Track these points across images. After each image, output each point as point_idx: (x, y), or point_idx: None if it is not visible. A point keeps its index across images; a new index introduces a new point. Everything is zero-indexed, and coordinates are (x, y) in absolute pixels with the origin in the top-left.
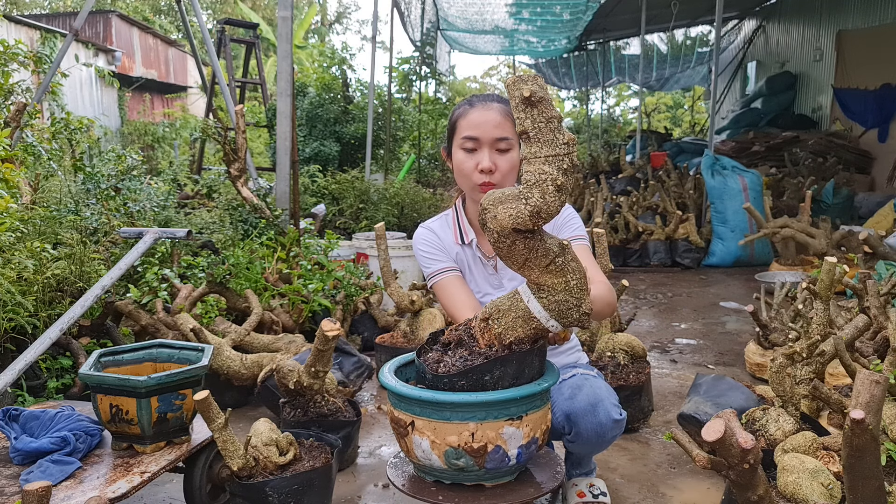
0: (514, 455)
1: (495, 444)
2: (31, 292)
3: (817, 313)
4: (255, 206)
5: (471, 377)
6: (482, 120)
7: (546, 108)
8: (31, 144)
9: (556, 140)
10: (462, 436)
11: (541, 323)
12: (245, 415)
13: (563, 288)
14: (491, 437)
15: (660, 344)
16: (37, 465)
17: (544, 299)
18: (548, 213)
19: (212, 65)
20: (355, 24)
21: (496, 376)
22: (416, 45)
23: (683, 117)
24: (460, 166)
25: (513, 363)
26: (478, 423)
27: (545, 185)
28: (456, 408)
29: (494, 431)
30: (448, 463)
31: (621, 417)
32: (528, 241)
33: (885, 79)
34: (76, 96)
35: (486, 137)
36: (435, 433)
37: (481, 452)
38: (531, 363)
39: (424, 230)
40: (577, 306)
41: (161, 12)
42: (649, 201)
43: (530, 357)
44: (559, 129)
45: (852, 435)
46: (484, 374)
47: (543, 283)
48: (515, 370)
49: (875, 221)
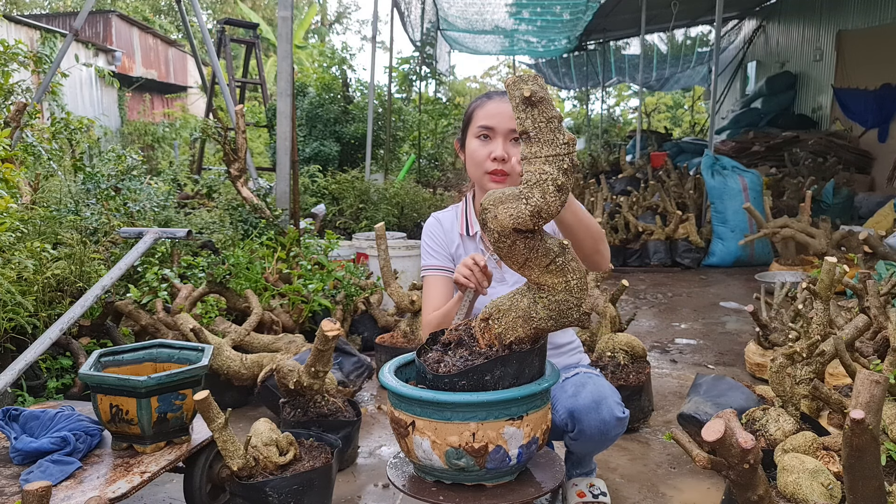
0: (514, 455)
1: (496, 444)
2: (31, 292)
3: (817, 313)
4: (255, 206)
5: (471, 377)
6: (498, 111)
7: (546, 108)
8: (31, 144)
9: (557, 140)
10: (463, 436)
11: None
12: (245, 415)
13: (563, 288)
14: (492, 438)
15: (660, 344)
16: (37, 465)
17: (545, 299)
18: (548, 212)
19: (212, 65)
20: (355, 24)
21: (497, 376)
22: (416, 45)
23: (683, 117)
24: (473, 154)
25: (513, 363)
26: (479, 423)
27: (546, 184)
28: (457, 408)
29: (495, 431)
30: (449, 463)
31: (624, 416)
32: (528, 241)
33: (885, 79)
34: (76, 96)
35: (501, 127)
36: (436, 433)
37: (482, 452)
38: (531, 363)
39: (434, 220)
40: (577, 306)
41: (161, 12)
42: (649, 201)
43: (530, 357)
44: (559, 129)
45: (852, 435)
46: (484, 374)
47: (544, 282)
48: (516, 370)
49: (875, 221)
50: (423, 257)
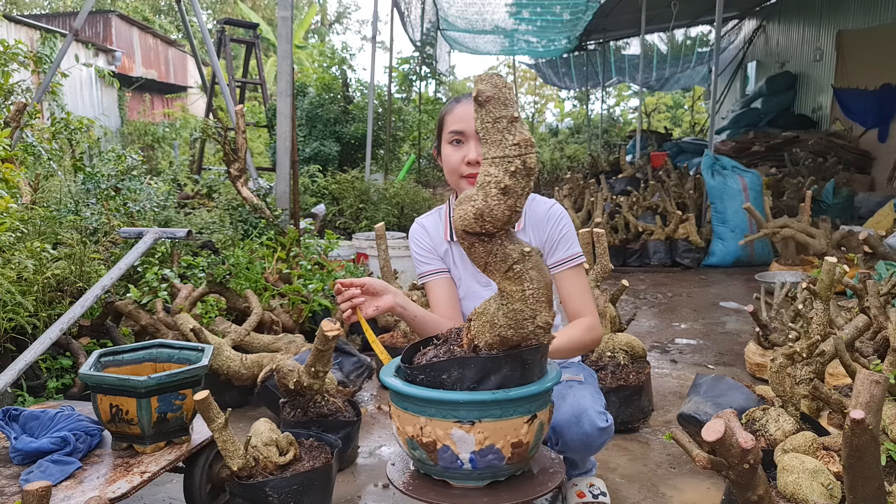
0: (466, 459)
1: (444, 443)
2: (31, 292)
3: (817, 313)
4: (255, 206)
5: (429, 373)
6: (467, 113)
7: (494, 107)
8: (31, 144)
9: (505, 141)
10: (415, 427)
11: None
12: (245, 415)
13: (519, 297)
14: (440, 436)
15: (660, 344)
16: (37, 465)
17: (505, 306)
18: (491, 216)
19: (212, 65)
20: (355, 24)
21: (454, 377)
22: (416, 45)
23: (683, 117)
24: (448, 160)
25: (471, 367)
26: (427, 418)
27: (489, 187)
28: (409, 399)
29: (443, 431)
30: (409, 451)
31: (607, 424)
32: (485, 244)
33: (885, 79)
34: (76, 96)
35: (471, 130)
36: (399, 420)
37: (431, 448)
38: (497, 370)
39: (417, 227)
40: (532, 318)
41: (161, 12)
42: (649, 201)
43: (495, 363)
44: (508, 130)
45: (852, 435)
46: (441, 373)
47: (503, 289)
48: (476, 374)
49: (875, 221)
50: (417, 266)
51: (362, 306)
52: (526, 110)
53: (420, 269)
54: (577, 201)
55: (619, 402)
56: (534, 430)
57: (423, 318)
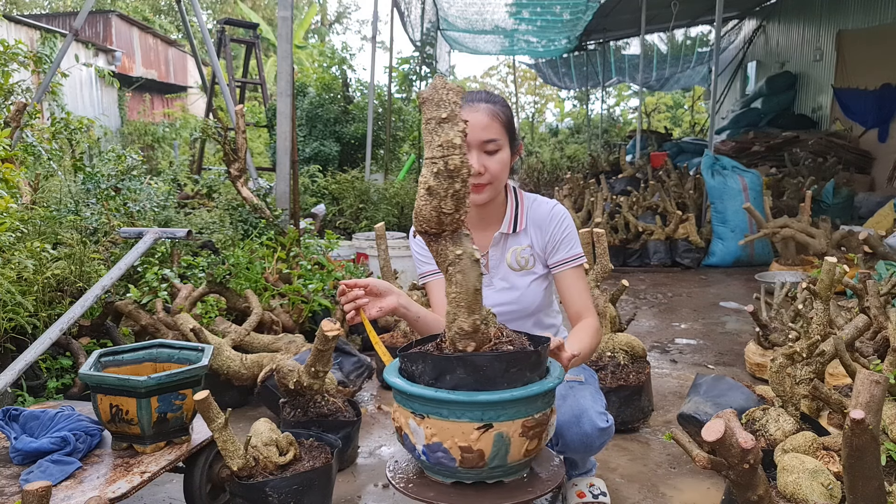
0: (420, 451)
1: (405, 430)
2: (31, 292)
3: (817, 313)
4: (255, 206)
5: (404, 362)
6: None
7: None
8: (31, 144)
9: (433, 142)
10: (391, 410)
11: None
12: (245, 415)
13: (452, 298)
14: (402, 423)
15: (660, 344)
16: (37, 465)
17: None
18: (421, 216)
19: (212, 65)
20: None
21: (419, 370)
22: (416, 45)
23: (683, 117)
24: None
25: (429, 363)
26: (397, 404)
27: (420, 188)
28: (389, 384)
29: (404, 419)
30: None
31: (607, 425)
32: (433, 244)
33: (885, 79)
34: (76, 96)
35: (472, 140)
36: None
37: (400, 433)
38: (450, 370)
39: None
40: (452, 321)
41: (161, 12)
42: (649, 201)
43: (448, 364)
44: (436, 131)
45: (852, 435)
46: (411, 364)
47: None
48: (432, 371)
49: (875, 221)
50: (417, 266)
51: (366, 307)
52: (526, 110)
53: (420, 270)
54: (577, 201)
55: (619, 402)
56: (489, 439)
57: (426, 318)
